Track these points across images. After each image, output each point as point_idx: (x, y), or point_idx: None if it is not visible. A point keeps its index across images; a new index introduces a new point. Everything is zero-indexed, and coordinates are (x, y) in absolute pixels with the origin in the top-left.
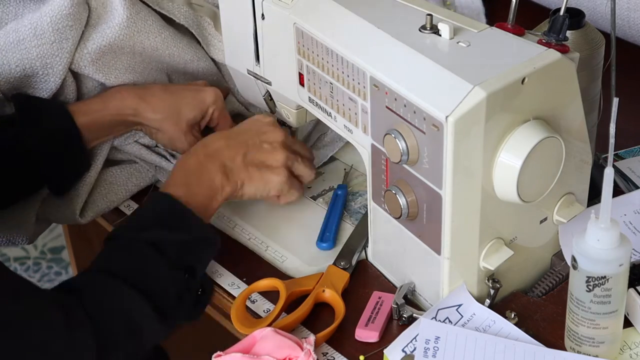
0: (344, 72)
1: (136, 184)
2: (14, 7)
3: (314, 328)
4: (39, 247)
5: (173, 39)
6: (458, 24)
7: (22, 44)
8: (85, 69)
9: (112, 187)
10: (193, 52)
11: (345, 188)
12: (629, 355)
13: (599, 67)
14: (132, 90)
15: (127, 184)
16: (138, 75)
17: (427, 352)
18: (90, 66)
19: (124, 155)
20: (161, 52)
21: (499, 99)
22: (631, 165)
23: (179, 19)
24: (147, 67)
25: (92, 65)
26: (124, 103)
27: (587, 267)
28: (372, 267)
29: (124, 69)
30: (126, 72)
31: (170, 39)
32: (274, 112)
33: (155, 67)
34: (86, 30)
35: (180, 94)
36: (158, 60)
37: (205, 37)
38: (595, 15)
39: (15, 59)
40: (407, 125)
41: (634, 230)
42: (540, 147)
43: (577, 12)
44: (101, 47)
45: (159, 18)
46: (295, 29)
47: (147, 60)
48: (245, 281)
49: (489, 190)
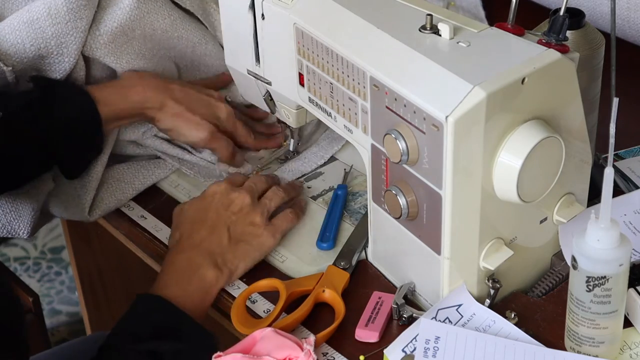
0: (344, 72)
1: (142, 181)
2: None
3: (314, 328)
4: (39, 247)
5: (182, 21)
6: (458, 24)
7: (37, 23)
8: (97, 51)
9: (119, 185)
10: (201, 34)
11: (345, 188)
12: (629, 355)
13: (599, 67)
14: (154, 82)
15: (134, 182)
16: (147, 61)
17: (427, 352)
18: (102, 49)
19: (134, 150)
20: (170, 34)
21: (499, 99)
22: (631, 165)
23: (184, 3)
24: (157, 53)
25: (105, 47)
26: (146, 95)
27: (587, 267)
28: (372, 267)
29: (135, 53)
30: (137, 58)
31: (179, 21)
32: (274, 112)
33: (164, 54)
34: (97, 12)
35: (197, 97)
36: (167, 46)
37: (212, 23)
38: (595, 15)
39: (30, 38)
40: (407, 125)
41: (634, 230)
42: (540, 147)
43: (577, 12)
44: (113, 29)
45: (168, 1)
46: (295, 29)
47: (157, 46)
48: (245, 281)
49: (489, 190)
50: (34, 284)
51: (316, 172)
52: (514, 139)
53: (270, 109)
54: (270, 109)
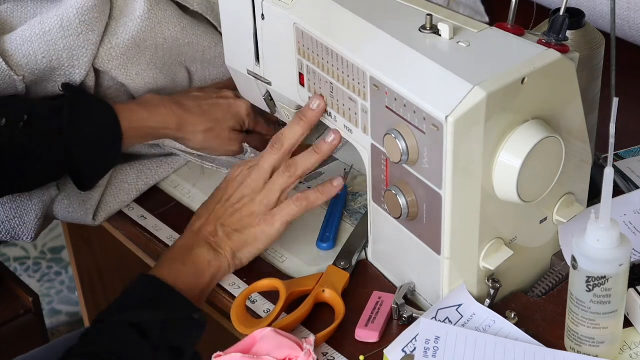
0: (344, 72)
1: (146, 182)
2: (32, 7)
3: (314, 328)
4: (39, 247)
5: (191, 27)
6: (458, 24)
7: (49, 35)
8: (109, 64)
9: (123, 186)
10: (210, 38)
11: (345, 188)
12: (629, 355)
13: (599, 67)
14: (171, 107)
15: (138, 183)
16: (158, 71)
17: (427, 352)
18: (114, 61)
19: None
20: (181, 42)
21: (499, 99)
22: (631, 165)
23: (192, 5)
24: (168, 61)
25: (116, 60)
26: (166, 121)
27: (587, 267)
28: (372, 267)
29: (146, 64)
30: (147, 68)
31: (189, 28)
32: (274, 112)
33: (175, 60)
34: (109, 23)
35: (215, 107)
36: (178, 53)
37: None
38: (595, 15)
39: (42, 49)
40: (407, 125)
41: (634, 230)
42: (540, 147)
43: (577, 12)
44: (125, 41)
45: (176, 7)
46: (295, 29)
47: (168, 54)
48: (245, 281)
49: (489, 190)
50: (34, 284)
51: (316, 172)
52: (514, 139)
53: (270, 109)
54: (270, 109)
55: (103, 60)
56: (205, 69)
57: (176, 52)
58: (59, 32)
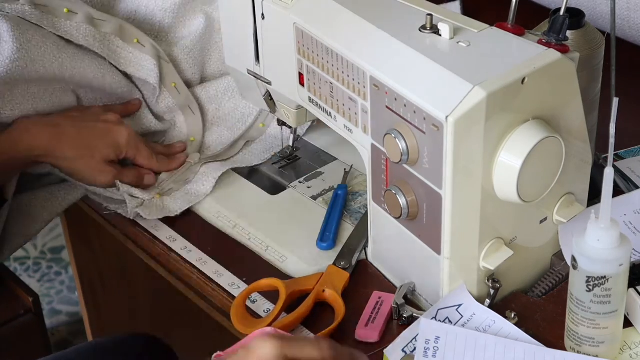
0: (344, 72)
1: (51, 212)
2: None
3: (314, 328)
4: (39, 247)
5: (72, 61)
6: (458, 24)
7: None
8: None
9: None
10: (97, 68)
11: (345, 188)
12: (629, 355)
13: (599, 67)
14: (43, 128)
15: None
16: (38, 100)
17: (427, 352)
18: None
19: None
20: (63, 74)
21: (499, 99)
22: (631, 165)
23: (77, 39)
24: (48, 91)
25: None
26: (35, 143)
27: (587, 267)
28: (372, 267)
29: (21, 97)
30: (24, 101)
31: (69, 62)
32: (274, 112)
33: (59, 88)
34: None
35: (93, 130)
36: (61, 81)
37: (113, 52)
38: (595, 15)
39: None
40: (407, 125)
41: (634, 230)
42: (540, 147)
43: (577, 12)
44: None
45: (56, 40)
46: (295, 29)
47: (46, 85)
48: (245, 281)
49: (489, 190)
50: (34, 284)
51: (316, 172)
52: (514, 139)
53: (270, 109)
54: (270, 109)
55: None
56: (96, 93)
57: (58, 82)
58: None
